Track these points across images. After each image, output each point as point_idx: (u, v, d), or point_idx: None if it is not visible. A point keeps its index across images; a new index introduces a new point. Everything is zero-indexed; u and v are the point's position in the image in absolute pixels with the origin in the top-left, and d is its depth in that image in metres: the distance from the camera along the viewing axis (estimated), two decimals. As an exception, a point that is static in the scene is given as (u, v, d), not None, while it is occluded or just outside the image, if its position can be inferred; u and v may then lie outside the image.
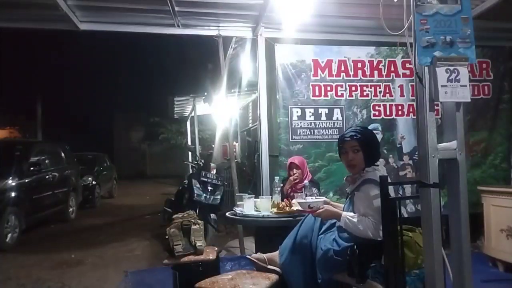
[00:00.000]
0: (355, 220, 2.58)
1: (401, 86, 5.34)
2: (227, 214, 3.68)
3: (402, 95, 5.34)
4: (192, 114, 11.71)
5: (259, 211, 3.43)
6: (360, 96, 5.28)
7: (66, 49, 21.17)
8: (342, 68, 5.26)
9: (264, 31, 5.09)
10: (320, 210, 2.76)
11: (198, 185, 5.90)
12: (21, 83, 20.17)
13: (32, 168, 7.57)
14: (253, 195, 3.73)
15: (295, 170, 4.12)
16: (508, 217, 4.35)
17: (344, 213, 2.69)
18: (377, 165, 2.80)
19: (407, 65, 5.25)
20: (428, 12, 2.07)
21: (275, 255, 2.90)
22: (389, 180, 2.44)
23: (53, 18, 4.62)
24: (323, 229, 2.78)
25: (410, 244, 2.44)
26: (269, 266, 2.81)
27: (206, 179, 5.98)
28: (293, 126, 5.13)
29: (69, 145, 10.23)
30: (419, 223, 2.18)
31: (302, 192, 3.76)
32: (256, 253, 3.09)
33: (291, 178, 4.11)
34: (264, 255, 2.90)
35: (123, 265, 5.37)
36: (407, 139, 5.32)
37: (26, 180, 7.33)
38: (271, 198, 3.62)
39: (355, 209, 2.69)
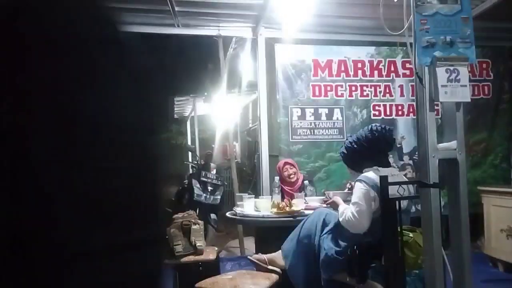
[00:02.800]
0: (340, 211, 2.69)
1: (401, 86, 5.33)
2: (227, 214, 3.68)
3: (402, 95, 5.34)
4: (192, 114, 11.71)
5: (259, 211, 3.43)
6: (360, 96, 5.28)
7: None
8: (342, 68, 5.26)
9: (264, 31, 5.08)
10: (330, 200, 2.96)
11: (198, 185, 5.90)
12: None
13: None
14: (253, 195, 3.73)
15: (289, 169, 4.02)
16: (508, 217, 4.35)
17: (342, 205, 2.78)
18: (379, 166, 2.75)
19: (407, 65, 5.24)
20: (428, 12, 2.07)
21: (276, 256, 2.91)
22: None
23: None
24: (326, 230, 2.78)
25: (410, 244, 2.44)
26: (270, 267, 2.82)
27: (206, 179, 5.99)
28: (293, 126, 5.13)
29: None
30: (419, 223, 2.18)
31: (301, 192, 3.77)
32: (256, 253, 3.10)
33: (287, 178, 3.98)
34: (265, 256, 2.91)
35: (123, 265, 5.35)
36: (407, 139, 5.31)
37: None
38: (271, 198, 3.62)
39: None
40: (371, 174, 2.66)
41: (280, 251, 2.94)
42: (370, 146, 2.78)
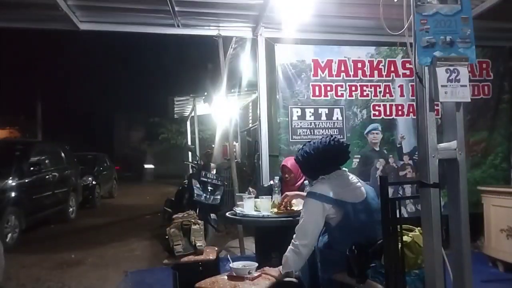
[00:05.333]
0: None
1: (401, 86, 5.33)
2: (227, 214, 3.68)
3: (402, 95, 5.34)
4: (192, 114, 11.71)
5: (259, 211, 3.43)
6: (360, 96, 5.28)
7: (66, 49, 21.16)
8: (342, 68, 5.26)
9: (264, 31, 5.09)
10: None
11: (198, 185, 5.90)
12: (21, 83, 20.16)
13: (32, 168, 7.56)
14: (253, 195, 3.72)
15: (286, 172, 3.99)
16: (508, 217, 4.35)
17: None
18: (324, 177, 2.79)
19: (407, 65, 5.25)
20: (428, 12, 2.07)
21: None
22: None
23: (53, 18, 4.62)
24: (322, 230, 2.79)
25: (410, 244, 2.44)
26: (287, 279, 2.69)
27: (206, 179, 5.98)
28: (293, 126, 5.13)
29: (69, 145, 10.23)
30: (419, 223, 2.18)
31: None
32: (256, 254, 3.09)
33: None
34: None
35: (123, 265, 5.37)
36: (407, 139, 5.31)
37: (26, 180, 7.33)
38: (271, 198, 3.62)
39: None
40: (318, 185, 2.73)
41: None
42: (322, 159, 2.81)
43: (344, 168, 2.88)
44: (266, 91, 5.24)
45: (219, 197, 5.97)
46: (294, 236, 2.65)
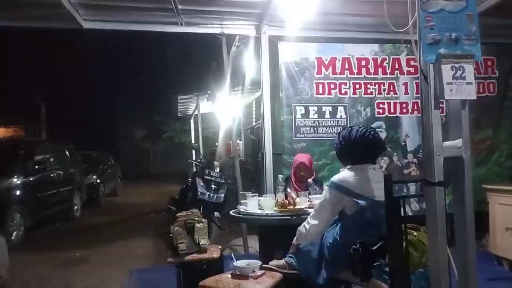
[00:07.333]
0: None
1: (405, 84, 5.31)
2: (230, 212, 3.68)
3: (406, 92, 5.31)
4: (196, 112, 11.71)
5: (263, 209, 3.42)
6: (364, 94, 5.25)
7: (70, 48, 21.20)
8: (346, 66, 5.24)
9: (267, 29, 5.08)
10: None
11: (202, 184, 5.90)
12: (25, 82, 20.23)
13: (36, 167, 7.60)
14: (257, 194, 3.72)
15: (304, 171, 4.01)
16: (513, 215, 4.33)
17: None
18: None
19: (412, 63, 5.22)
20: (433, 9, 2.05)
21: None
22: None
23: (57, 16, 4.62)
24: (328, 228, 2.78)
25: (414, 242, 2.43)
26: (290, 271, 2.76)
27: (209, 178, 5.99)
28: (296, 124, 5.12)
29: (73, 144, 10.27)
30: (424, 222, 2.17)
31: (306, 190, 3.76)
32: (260, 252, 3.09)
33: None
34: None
35: (128, 263, 5.38)
36: (411, 137, 5.29)
37: (31, 179, 7.36)
38: (275, 196, 3.61)
39: None
40: (343, 174, 2.79)
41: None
42: (353, 149, 2.82)
43: (373, 165, 2.89)
44: (270, 89, 5.23)
45: (222, 195, 5.98)
46: (311, 214, 2.85)
